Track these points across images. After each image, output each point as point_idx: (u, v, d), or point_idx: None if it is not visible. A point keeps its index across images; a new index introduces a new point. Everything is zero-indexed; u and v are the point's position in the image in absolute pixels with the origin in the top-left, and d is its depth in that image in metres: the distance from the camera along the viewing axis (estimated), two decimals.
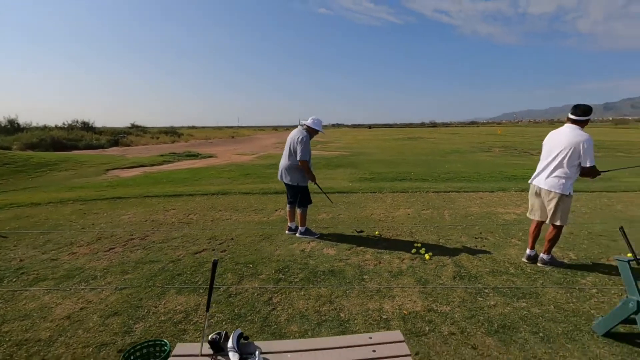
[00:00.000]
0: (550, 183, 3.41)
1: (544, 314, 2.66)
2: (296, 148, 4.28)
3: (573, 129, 3.34)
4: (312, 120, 4.45)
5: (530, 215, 3.68)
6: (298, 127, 4.55)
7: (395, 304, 2.84)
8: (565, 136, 3.34)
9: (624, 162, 14.83)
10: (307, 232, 4.54)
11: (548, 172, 3.44)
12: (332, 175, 11.57)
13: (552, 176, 3.40)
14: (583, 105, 3.38)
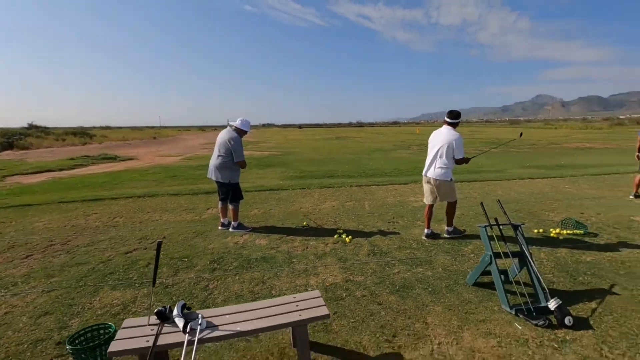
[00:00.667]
0: (437, 173, 4.26)
1: (434, 275, 3.37)
2: (230, 150, 4.55)
3: (448, 130, 4.27)
4: (241, 122, 4.74)
5: (425, 200, 4.49)
6: (227, 128, 4.80)
7: (319, 279, 3.32)
8: (443, 135, 4.26)
9: (513, 155, 17.55)
10: (239, 227, 4.81)
11: (434, 164, 4.29)
12: (263, 174, 11.79)
13: (437, 167, 4.26)
14: (455, 111, 4.35)
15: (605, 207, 5.85)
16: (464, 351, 2.25)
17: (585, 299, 2.89)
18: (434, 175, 4.28)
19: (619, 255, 3.79)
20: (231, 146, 4.55)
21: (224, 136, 4.66)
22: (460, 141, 4.17)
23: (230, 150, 4.57)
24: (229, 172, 4.66)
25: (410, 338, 2.39)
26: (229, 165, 4.64)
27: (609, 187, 7.51)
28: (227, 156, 4.61)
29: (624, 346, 2.28)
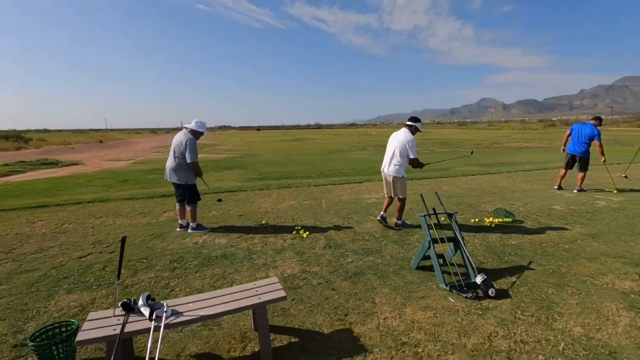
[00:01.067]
0: (392, 170, 4.70)
1: (383, 262, 3.72)
2: (184, 152, 4.60)
3: (405, 132, 4.73)
4: (196, 123, 4.82)
5: (385, 194, 4.97)
6: (183, 130, 4.84)
7: (278, 271, 3.52)
8: (400, 136, 4.73)
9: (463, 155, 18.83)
10: (198, 228, 4.87)
11: (390, 162, 4.74)
12: (221, 177, 11.69)
13: (392, 165, 4.70)
14: (414, 117, 4.90)
15: (532, 198, 6.64)
16: (405, 323, 2.58)
17: (507, 275, 3.37)
18: (390, 172, 4.75)
19: (538, 238, 4.40)
20: (184, 148, 4.61)
21: (179, 138, 4.71)
22: (413, 143, 4.67)
23: (184, 152, 4.63)
24: (184, 173, 4.71)
25: (360, 316, 2.68)
26: (184, 166, 4.69)
27: (538, 181, 8.47)
28: (182, 158, 4.65)
29: (533, 309, 2.74)
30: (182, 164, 4.67)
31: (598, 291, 3.01)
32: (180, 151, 4.64)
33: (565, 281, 3.21)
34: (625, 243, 4.15)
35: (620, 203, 6.09)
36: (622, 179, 8.11)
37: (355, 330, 2.49)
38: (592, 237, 4.39)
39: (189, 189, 4.77)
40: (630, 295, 2.92)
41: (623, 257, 3.72)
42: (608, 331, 2.45)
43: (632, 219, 5.11)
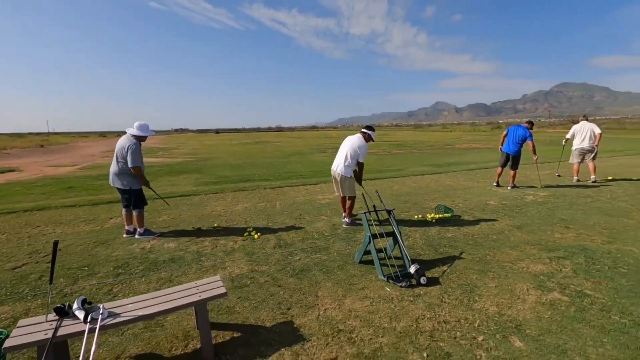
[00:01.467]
0: (341, 169, 5.01)
1: (329, 258, 3.91)
2: (126, 157, 4.51)
3: (359, 137, 5.10)
4: (139, 126, 4.72)
5: (337, 193, 5.25)
6: (126, 134, 4.73)
7: (226, 272, 3.59)
8: (353, 141, 5.06)
9: (415, 156, 19.62)
10: (146, 233, 4.78)
11: (341, 163, 5.02)
12: (175, 181, 11.34)
13: (343, 165, 4.99)
14: (370, 125, 5.34)
15: (471, 194, 7.21)
16: (344, 312, 2.78)
17: (440, 264, 3.70)
18: (338, 171, 5.03)
19: (471, 230, 4.83)
20: (126, 153, 4.53)
21: (122, 143, 4.62)
22: (364, 149, 5.04)
23: (127, 157, 4.54)
24: (129, 178, 4.63)
25: (302, 309, 2.84)
26: (128, 171, 4.60)
27: (479, 179, 9.17)
28: (126, 163, 4.57)
29: (458, 293, 3.06)
30: (125, 169, 4.58)
31: (514, 275, 3.40)
32: (123, 156, 4.54)
33: (488, 267, 3.58)
34: (543, 232, 4.68)
35: (545, 197, 6.80)
36: (549, 176, 9.00)
37: (296, 322, 2.64)
38: (517, 228, 4.90)
39: (134, 194, 4.68)
40: (540, 277, 3.34)
41: (539, 244, 4.21)
42: (517, 308, 2.81)
43: (553, 211, 5.74)
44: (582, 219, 5.26)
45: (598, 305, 2.81)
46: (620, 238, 4.38)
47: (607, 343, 2.33)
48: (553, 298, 2.94)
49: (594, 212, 5.59)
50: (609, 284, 3.17)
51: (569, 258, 3.76)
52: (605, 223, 5.01)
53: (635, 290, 3.03)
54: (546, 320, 2.62)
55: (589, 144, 8.39)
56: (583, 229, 4.78)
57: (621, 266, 3.54)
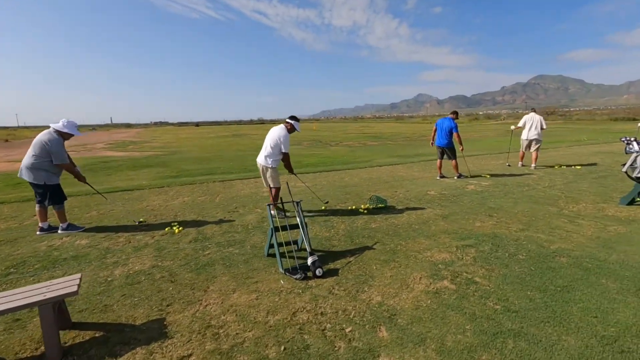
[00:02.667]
0: (262, 160, 4.97)
1: (240, 252, 3.84)
2: (47, 151, 4.39)
3: (282, 128, 5.05)
4: (65, 123, 4.54)
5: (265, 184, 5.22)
6: (49, 129, 4.56)
7: (125, 268, 3.46)
8: (276, 131, 5.02)
9: (389, 147, 19.64)
10: (70, 228, 4.62)
11: (264, 154, 5.00)
12: (134, 176, 11.04)
13: (265, 156, 4.98)
14: (294, 116, 5.20)
15: (416, 185, 7.26)
16: (224, 307, 2.71)
17: (348, 255, 3.68)
18: (262, 162, 5.01)
19: (398, 220, 4.84)
20: (49, 148, 4.38)
21: (42, 137, 4.45)
22: (286, 138, 4.96)
23: (47, 151, 4.39)
24: (44, 173, 4.44)
25: (183, 305, 2.76)
26: (46, 166, 4.44)
27: (432, 170, 9.25)
28: (43, 157, 4.42)
29: (350, 284, 3.03)
30: (42, 164, 4.42)
31: (415, 264, 3.41)
32: (41, 150, 4.39)
33: (393, 257, 3.58)
34: (466, 221, 4.74)
35: (485, 187, 6.90)
36: (501, 166, 9.17)
37: (169, 319, 2.56)
38: (443, 217, 4.94)
39: (49, 189, 4.49)
40: (438, 265, 3.36)
41: (455, 233, 4.25)
42: (401, 297, 2.80)
43: (485, 200, 5.83)
44: (509, 207, 5.36)
45: (480, 292, 2.84)
46: (534, 225, 4.46)
47: (468, 330, 2.35)
48: (441, 286, 2.96)
49: (524, 201, 5.70)
50: (502, 270, 3.21)
51: (476, 246, 3.81)
52: (529, 211, 5.11)
53: (522, 277, 3.07)
54: (422, 309, 2.63)
55: (536, 134, 8.64)
56: (505, 217, 4.86)
57: (521, 253, 3.60)
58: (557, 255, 3.50)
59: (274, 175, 5.02)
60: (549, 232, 4.20)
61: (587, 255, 3.49)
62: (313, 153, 18.27)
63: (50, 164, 4.44)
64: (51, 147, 4.38)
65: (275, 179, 5.03)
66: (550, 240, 3.91)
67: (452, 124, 7.60)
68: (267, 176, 5.05)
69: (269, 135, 5.08)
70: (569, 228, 4.32)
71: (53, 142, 4.40)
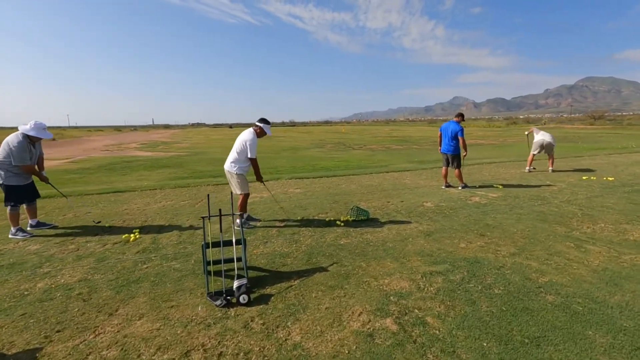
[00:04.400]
0: (229, 166, 4.67)
1: (181, 267, 3.49)
2: (8, 152, 4.41)
3: (250, 132, 4.71)
4: (33, 126, 4.55)
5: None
6: (17, 132, 4.60)
7: (52, 280, 3.22)
8: (244, 135, 4.69)
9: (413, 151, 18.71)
10: (18, 232, 4.55)
11: (230, 160, 4.69)
12: (147, 176, 11.17)
13: (231, 162, 4.63)
14: (264, 118, 4.80)
15: (414, 195, 6.60)
16: (116, 338, 2.35)
17: (294, 277, 3.21)
18: (227, 168, 4.72)
19: (373, 236, 4.28)
20: (9, 150, 4.41)
21: (8, 139, 4.51)
22: (252, 142, 4.61)
23: (9, 153, 4.41)
24: (3, 173, 4.44)
25: (74, 331, 2.43)
26: (6, 167, 4.44)
27: (438, 178, 8.49)
28: (5, 158, 4.42)
29: (273, 317, 2.57)
30: (3, 164, 4.43)
31: (363, 293, 2.89)
32: (5, 152, 4.42)
33: (343, 283, 3.07)
34: (450, 240, 4.10)
35: (492, 199, 6.13)
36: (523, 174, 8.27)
37: (45, 350, 2.23)
38: (426, 235, 4.32)
39: (4, 189, 4.50)
40: (390, 297, 2.81)
41: (430, 256, 3.64)
42: (325, 338, 2.31)
43: (485, 215, 5.11)
44: (509, 225, 4.62)
45: (424, 338, 2.28)
46: (529, 249, 3.75)
47: None
48: (379, 327, 2.42)
49: (529, 218, 4.92)
50: (464, 308, 2.61)
51: (447, 274, 3.20)
52: (530, 231, 4.36)
53: (486, 320, 2.46)
54: (341, 357, 2.12)
55: (550, 137, 8.57)
56: (499, 237, 4.16)
57: (499, 285, 2.95)
58: (542, 292, 2.82)
59: (240, 182, 4.68)
60: (544, 259, 3.48)
61: (582, 293, 2.79)
62: (332, 156, 17.82)
63: (11, 165, 4.42)
64: (12, 150, 4.40)
65: (242, 186, 4.68)
66: (541, 271, 3.21)
67: (457, 127, 6.89)
68: (232, 182, 4.74)
69: (237, 139, 4.74)
70: (571, 255, 3.57)
71: (15, 145, 4.42)
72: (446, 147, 7.08)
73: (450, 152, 7.00)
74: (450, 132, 6.94)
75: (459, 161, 6.97)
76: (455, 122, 6.94)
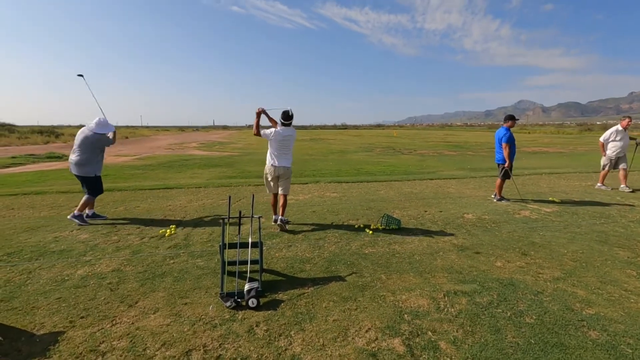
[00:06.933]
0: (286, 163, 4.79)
1: (203, 265, 3.60)
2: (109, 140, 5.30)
3: (292, 129, 4.78)
4: (95, 124, 5.13)
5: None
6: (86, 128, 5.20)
7: (91, 269, 3.50)
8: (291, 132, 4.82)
9: (467, 157, 17.71)
10: (78, 217, 5.04)
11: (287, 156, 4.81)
12: (198, 174, 11.80)
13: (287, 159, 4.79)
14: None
15: (455, 204, 6.19)
16: (129, 329, 2.47)
17: (309, 285, 3.15)
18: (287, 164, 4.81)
19: (400, 247, 4.07)
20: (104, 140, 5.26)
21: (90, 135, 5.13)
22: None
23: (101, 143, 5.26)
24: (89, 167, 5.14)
25: (95, 319, 2.60)
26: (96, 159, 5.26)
27: (487, 188, 7.88)
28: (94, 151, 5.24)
29: (279, 324, 2.53)
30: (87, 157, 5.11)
31: (377, 308, 2.73)
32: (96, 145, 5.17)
33: (357, 295, 2.94)
34: (486, 257, 3.75)
35: (545, 214, 5.53)
36: (562, 189, 7.38)
37: (68, 334, 2.41)
38: (460, 249, 4.00)
39: (97, 181, 5.26)
40: (404, 315, 2.62)
41: (459, 273, 3.35)
42: (325, 352, 2.21)
43: (532, 232, 4.61)
44: (559, 244, 4.11)
45: None
46: (578, 274, 3.28)
47: None
48: (386, 346, 2.26)
49: (585, 238, 4.34)
50: (486, 336, 2.34)
51: (473, 295, 2.91)
52: (584, 253, 3.83)
53: (507, 352, 2.18)
54: None
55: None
56: (544, 258, 3.71)
57: (532, 313, 2.61)
58: (584, 326, 2.44)
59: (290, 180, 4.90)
60: (594, 287, 3.03)
61: (635, 333, 2.36)
62: (379, 161, 17.45)
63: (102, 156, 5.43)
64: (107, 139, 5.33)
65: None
66: (588, 301, 2.79)
67: (501, 132, 6.32)
68: (284, 182, 4.81)
69: (284, 137, 4.75)
70: (630, 285, 3.06)
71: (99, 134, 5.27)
72: (496, 156, 6.55)
73: (498, 160, 6.47)
74: (497, 140, 6.41)
75: (504, 171, 6.37)
76: (504, 128, 6.39)
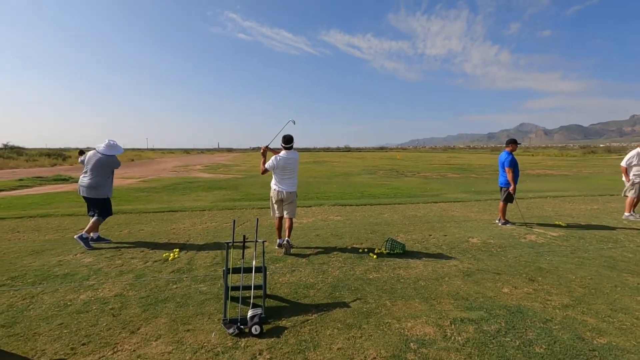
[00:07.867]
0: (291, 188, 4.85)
1: (206, 291, 3.57)
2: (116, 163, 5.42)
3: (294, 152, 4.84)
4: (105, 146, 5.25)
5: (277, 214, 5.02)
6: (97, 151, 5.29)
7: (93, 294, 3.48)
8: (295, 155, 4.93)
9: (471, 180, 17.70)
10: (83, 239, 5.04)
11: (292, 181, 4.87)
12: (202, 197, 11.86)
13: (293, 183, 4.86)
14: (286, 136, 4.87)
15: (460, 228, 6.15)
16: (130, 357, 2.43)
17: (312, 311, 3.10)
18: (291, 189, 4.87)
19: (405, 272, 4.02)
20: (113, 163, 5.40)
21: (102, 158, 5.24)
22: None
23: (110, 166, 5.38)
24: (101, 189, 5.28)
25: (96, 346, 2.57)
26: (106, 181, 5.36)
27: (491, 212, 7.84)
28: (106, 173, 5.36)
29: (281, 353, 2.48)
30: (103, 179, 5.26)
31: (381, 336, 2.68)
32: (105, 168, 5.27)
33: (362, 322, 2.89)
34: (492, 283, 3.69)
35: (551, 238, 5.47)
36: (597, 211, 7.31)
37: None
38: (466, 274, 3.95)
39: (108, 203, 5.38)
40: (410, 344, 2.57)
41: (465, 299, 3.30)
42: None
43: (538, 257, 4.55)
44: (567, 270, 4.05)
45: None
46: (588, 301, 3.21)
47: None
48: None
49: (593, 264, 4.27)
50: None
51: (480, 322, 2.85)
52: (593, 279, 3.77)
53: None
54: None
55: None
56: (552, 284, 3.65)
57: (541, 343, 2.55)
58: (596, 356, 2.37)
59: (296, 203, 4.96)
60: (605, 315, 2.96)
61: None
62: (382, 183, 17.46)
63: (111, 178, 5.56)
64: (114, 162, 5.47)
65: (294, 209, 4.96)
66: (599, 329, 2.72)
67: (503, 157, 6.37)
68: (289, 205, 4.87)
69: (290, 161, 4.85)
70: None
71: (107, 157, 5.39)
72: (500, 179, 6.57)
73: (501, 184, 6.49)
74: (500, 164, 6.45)
75: (507, 194, 6.37)
76: (506, 152, 6.43)
